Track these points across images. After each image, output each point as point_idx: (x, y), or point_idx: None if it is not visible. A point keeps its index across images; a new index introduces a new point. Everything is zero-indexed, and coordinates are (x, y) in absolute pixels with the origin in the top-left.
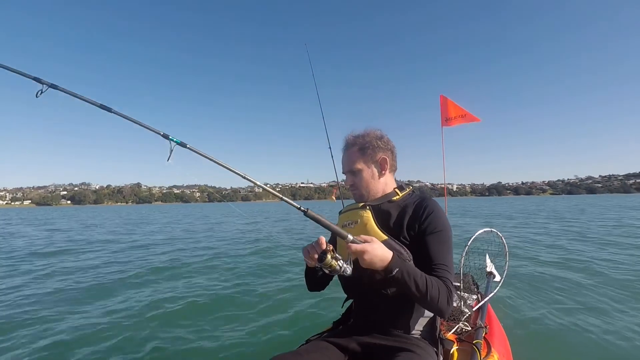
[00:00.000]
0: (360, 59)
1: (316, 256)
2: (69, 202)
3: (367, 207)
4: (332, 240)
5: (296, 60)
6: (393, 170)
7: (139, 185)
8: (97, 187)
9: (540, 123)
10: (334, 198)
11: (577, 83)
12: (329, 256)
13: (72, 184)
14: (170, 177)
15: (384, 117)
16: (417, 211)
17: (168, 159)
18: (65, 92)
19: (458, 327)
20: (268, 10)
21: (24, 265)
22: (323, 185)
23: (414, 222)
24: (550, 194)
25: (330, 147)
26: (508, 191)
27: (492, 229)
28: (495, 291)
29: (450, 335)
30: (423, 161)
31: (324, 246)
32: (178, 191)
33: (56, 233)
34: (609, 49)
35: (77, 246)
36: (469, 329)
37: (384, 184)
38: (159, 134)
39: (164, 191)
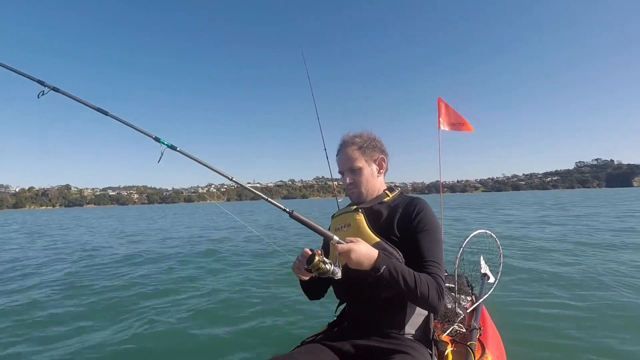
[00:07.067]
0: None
1: (305, 266)
2: None
3: (360, 210)
4: (324, 247)
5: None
6: (386, 171)
7: (68, 187)
8: (17, 190)
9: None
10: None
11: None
12: (316, 258)
13: None
14: (104, 178)
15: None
16: (407, 210)
17: (159, 161)
18: (66, 95)
19: (452, 329)
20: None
21: None
22: (270, 185)
23: (405, 220)
24: (482, 191)
25: (325, 149)
26: (445, 189)
27: (487, 231)
28: (489, 293)
29: (444, 336)
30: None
31: (309, 253)
32: (114, 193)
33: None
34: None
35: None
36: (463, 330)
37: (380, 184)
38: (151, 137)
39: (97, 193)
